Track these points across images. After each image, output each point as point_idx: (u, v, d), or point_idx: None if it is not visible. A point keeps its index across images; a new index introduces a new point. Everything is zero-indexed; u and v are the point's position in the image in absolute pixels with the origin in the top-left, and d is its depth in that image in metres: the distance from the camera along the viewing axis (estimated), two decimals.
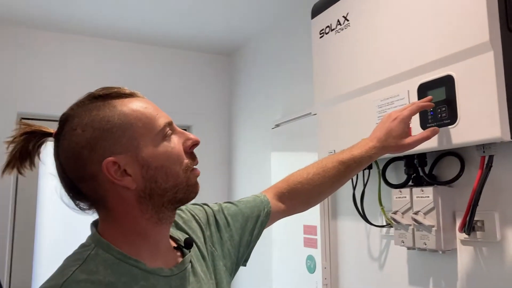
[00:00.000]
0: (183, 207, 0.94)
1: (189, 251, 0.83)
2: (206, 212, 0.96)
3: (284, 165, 2.03)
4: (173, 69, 2.67)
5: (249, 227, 0.98)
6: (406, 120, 1.03)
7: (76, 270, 0.68)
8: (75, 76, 2.39)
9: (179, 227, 0.89)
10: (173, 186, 0.74)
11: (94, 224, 0.77)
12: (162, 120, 0.75)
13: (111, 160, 0.70)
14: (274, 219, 1.03)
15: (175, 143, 0.76)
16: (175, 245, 0.83)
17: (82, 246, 0.74)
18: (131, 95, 0.77)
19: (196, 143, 0.79)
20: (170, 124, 0.77)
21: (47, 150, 0.80)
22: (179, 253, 0.83)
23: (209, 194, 2.52)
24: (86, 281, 0.67)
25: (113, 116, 0.72)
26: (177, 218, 0.89)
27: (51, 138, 0.77)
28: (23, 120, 2.26)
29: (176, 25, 2.36)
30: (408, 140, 1.03)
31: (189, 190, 0.77)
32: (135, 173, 0.72)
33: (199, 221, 0.93)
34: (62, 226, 2.32)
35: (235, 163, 2.68)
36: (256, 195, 1.03)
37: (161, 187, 0.73)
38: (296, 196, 1.04)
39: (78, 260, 0.70)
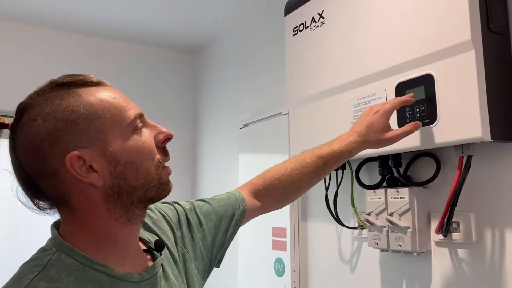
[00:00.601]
0: (152, 206, 0.88)
1: (160, 254, 0.77)
2: (177, 211, 0.90)
3: (253, 167, 1.98)
4: (135, 66, 2.56)
5: (223, 226, 0.93)
6: (388, 114, 1.01)
7: (35, 277, 0.61)
8: (26, 70, 2.23)
9: (147, 228, 0.83)
10: (144, 184, 0.69)
11: (55, 226, 0.71)
12: (132, 112, 0.70)
13: (75, 154, 0.64)
14: (249, 217, 0.98)
15: (146, 136, 0.71)
16: (145, 248, 0.78)
17: (42, 250, 0.67)
18: (98, 83, 0.71)
19: (169, 137, 0.74)
20: (141, 116, 0.72)
21: (1, 143, 0.72)
22: (149, 256, 0.77)
23: (171, 198, 2.42)
24: None
25: (78, 106, 0.66)
26: (145, 218, 0.83)
27: (7, 130, 0.70)
28: None
29: (138, 19, 2.26)
30: (389, 134, 1.00)
31: (161, 188, 0.72)
32: (102, 169, 0.66)
33: (170, 221, 0.87)
34: (17, 228, 2.16)
35: (200, 164, 2.61)
36: (230, 192, 0.98)
37: (130, 185, 0.68)
38: (273, 193, 1.00)
39: (37, 267, 0.63)
